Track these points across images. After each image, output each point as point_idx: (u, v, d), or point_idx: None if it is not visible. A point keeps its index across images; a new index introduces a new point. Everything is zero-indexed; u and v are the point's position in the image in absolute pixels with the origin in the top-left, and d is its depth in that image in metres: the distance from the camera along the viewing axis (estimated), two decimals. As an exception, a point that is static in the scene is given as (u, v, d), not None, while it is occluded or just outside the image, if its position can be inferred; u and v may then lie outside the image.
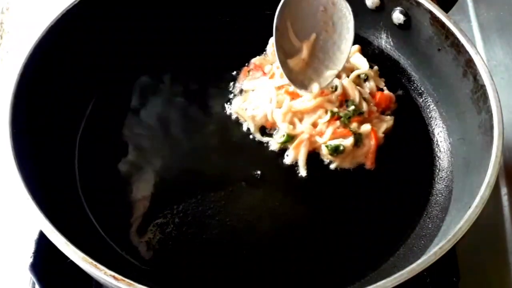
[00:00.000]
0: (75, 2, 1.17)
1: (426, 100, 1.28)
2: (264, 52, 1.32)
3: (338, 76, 1.21)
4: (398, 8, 1.24)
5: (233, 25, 1.38)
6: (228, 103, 1.26)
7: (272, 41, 1.24)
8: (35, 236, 1.06)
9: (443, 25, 1.17)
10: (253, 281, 1.04)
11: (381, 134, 1.20)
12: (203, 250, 1.07)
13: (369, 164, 1.18)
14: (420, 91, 1.30)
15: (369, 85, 1.24)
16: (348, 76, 1.23)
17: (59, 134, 1.15)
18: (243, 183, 1.14)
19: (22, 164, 0.98)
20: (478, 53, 1.12)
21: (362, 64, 1.27)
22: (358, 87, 1.22)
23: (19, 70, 1.07)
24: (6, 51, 1.50)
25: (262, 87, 1.24)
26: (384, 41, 1.33)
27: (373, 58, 1.30)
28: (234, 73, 1.30)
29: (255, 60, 1.30)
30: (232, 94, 1.27)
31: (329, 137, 1.16)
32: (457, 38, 1.14)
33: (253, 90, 1.26)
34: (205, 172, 1.17)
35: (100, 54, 1.26)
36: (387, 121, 1.22)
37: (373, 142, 1.18)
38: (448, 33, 1.16)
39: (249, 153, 1.20)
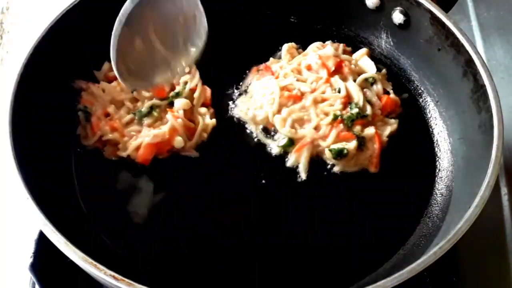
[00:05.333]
0: (75, 2, 1.17)
1: (426, 100, 1.28)
2: (276, 54, 1.32)
3: (343, 78, 1.21)
4: (398, 8, 1.24)
5: (243, 26, 1.37)
6: (232, 103, 1.26)
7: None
8: (35, 236, 1.06)
9: (443, 25, 1.17)
10: (254, 281, 1.04)
11: (385, 138, 1.19)
12: (203, 250, 1.07)
13: (373, 168, 1.17)
14: (420, 91, 1.30)
15: (376, 89, 1.23)
16: (355, 80, 1.22)
17: (59, 134, 1.15)
18: (244, 184, 1.15)
19: (22, 164, 0.98)
20: (478, 53, 1.12)
21: (369, 68, 1.27)
22: (365, 89, 1.21)
23: (19, 70, 1.07)
24: (6, 51, 1.50)
25: (266, 87, 1.23)
26: (384, 41, 1.33)
27: (373, 58, 1.30)
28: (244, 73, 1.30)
29: (269, 62, 1.28)
30: (237, 94, 1.27)
31: (332, 140, 1.15)
32: (457, 38, 1.14)
33: (255, 92, 1.25)
34: (205, 172, 1.16)
35: (100, 54, 1.25)
36: (392, 125, 1.21)
37: (377, 145, 1.16)
38: (448, 33, 1.16)
39: (251, 154, 1.19)
